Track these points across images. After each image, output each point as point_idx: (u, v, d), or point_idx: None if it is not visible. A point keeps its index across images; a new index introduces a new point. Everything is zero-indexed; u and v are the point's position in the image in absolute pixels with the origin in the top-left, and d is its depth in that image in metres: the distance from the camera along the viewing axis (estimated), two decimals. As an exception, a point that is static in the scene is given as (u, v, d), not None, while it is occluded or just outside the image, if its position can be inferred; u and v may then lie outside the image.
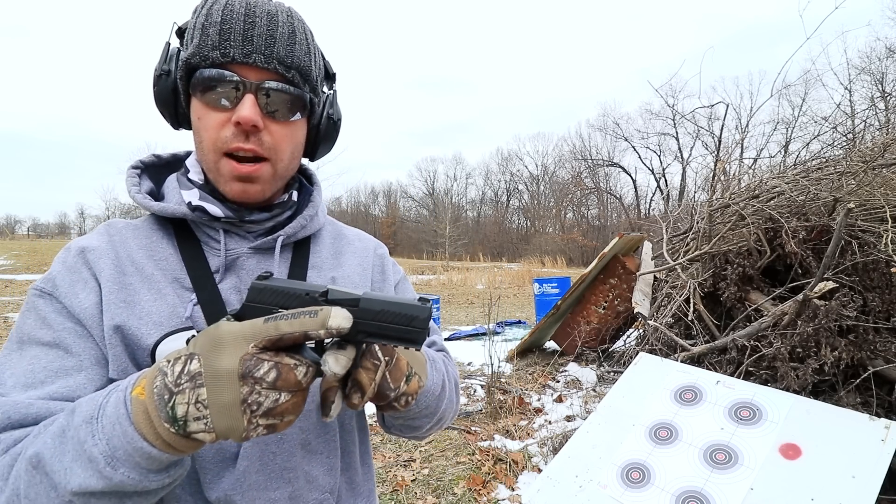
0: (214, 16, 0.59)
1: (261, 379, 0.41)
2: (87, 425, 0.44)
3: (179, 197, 0.65)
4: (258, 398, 0.41)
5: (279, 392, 0.41)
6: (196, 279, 0.63)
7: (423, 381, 0.58)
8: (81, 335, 0.57)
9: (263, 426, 0.42)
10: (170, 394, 0.41)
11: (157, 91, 0.64)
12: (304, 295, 0.46)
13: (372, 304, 0.44)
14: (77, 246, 0.62)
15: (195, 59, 0.59)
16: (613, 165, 38.64)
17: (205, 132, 0.60)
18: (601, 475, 1.36)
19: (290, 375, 0.42)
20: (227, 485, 0.59)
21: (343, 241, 0.80)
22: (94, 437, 0.43)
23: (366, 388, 0.47)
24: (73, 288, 0.58)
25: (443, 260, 28.91)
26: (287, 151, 0.65)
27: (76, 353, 0.56)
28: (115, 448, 0.42)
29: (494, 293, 9.55)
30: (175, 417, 0.41)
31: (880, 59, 17.63)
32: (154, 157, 0.73)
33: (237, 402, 0.41)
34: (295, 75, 0.62)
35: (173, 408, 0.41)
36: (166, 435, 0.42)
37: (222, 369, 0.41)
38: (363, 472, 0.75)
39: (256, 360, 0.41)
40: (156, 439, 0.42)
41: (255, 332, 0.42)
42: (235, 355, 0.41)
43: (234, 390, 0.40)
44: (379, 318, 0.44)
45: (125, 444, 0.42)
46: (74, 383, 0.54)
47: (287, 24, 0.61)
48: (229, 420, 0.41)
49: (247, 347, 0.41)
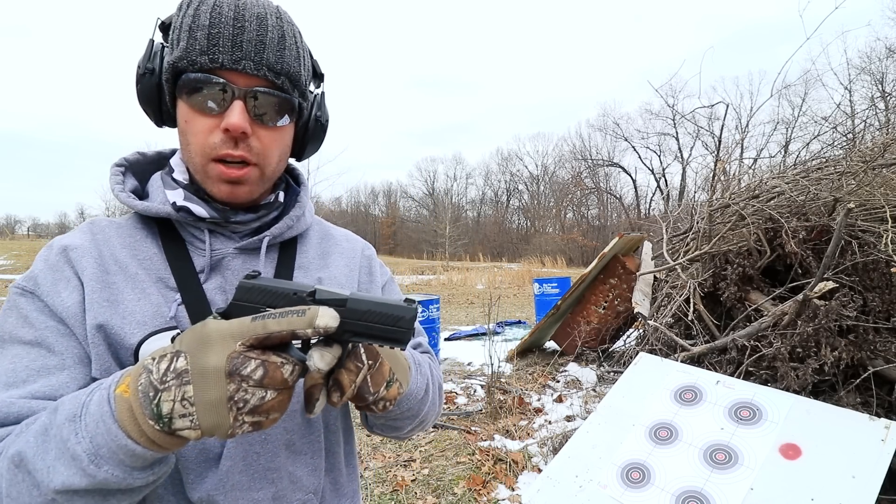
0: (202, 18, 0.57)
1: (248, 377, 0.41)
2: (70, 423, 0.43)
3: (164, 196, 0.65)
4: (245, 395, 0.41)
5: (265, 390, 0.42)
6: (181, 279, 0.62)
7: (402, 388, 0.58)
8: (64, 334, 0.56)
9: (249, 423, 0.42)
10: (155, 391, 0.41)
11: (141, 89, 0.63)
12: (292, 294, 0.46)
13: (359, 305, 0.45)
14: (59, 244, 0.61)
15: (182, 62, 0.58)
16: (613, 165, 38.64)
17: (192, 136, 0.60)
18: (601, 475, 1.36)
19: (276, 373, 0.42)
20: (210, 485, 0.59)
21: (330, 241, 0.80)
22: (77, 435, 0.43)
23: (345, 388, 0.48)
24: (55, 286, 0.57)
25: (443, 260, 28.91)
26: (275, 155, 0.64)
27: (58, 352, 0.55)
28: (98, 446, 0.42)
29: (494, 293, 9.55)
30: (160, 415, 0.41)
31: (880, 59, 17.64)
32: (139, 155, 0.72)
33: (223, 399, 0.41)
34: (284, 81, 0.61)
35: (158, 405, 0.41)
36: (151, 432, 0.42)
37: (209, 366, 0.41)
38: (347, 472, 0.75)
39: (244, 357, 0.41)
40: (140, 437, 0.42)
41: (243, 331, 0.42)
42: (223, 353, 0.41)
43: (220, 388, 0.41)
44: (365, 317, 0.44)
45: (109, 442, 0.42)
46: (57, 382, 0.54)
47: (277, 27, 0.60)
48: (215, 417, 0.41)
49: (234, 345, 0.41)
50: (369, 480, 2.72)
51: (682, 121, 28.25)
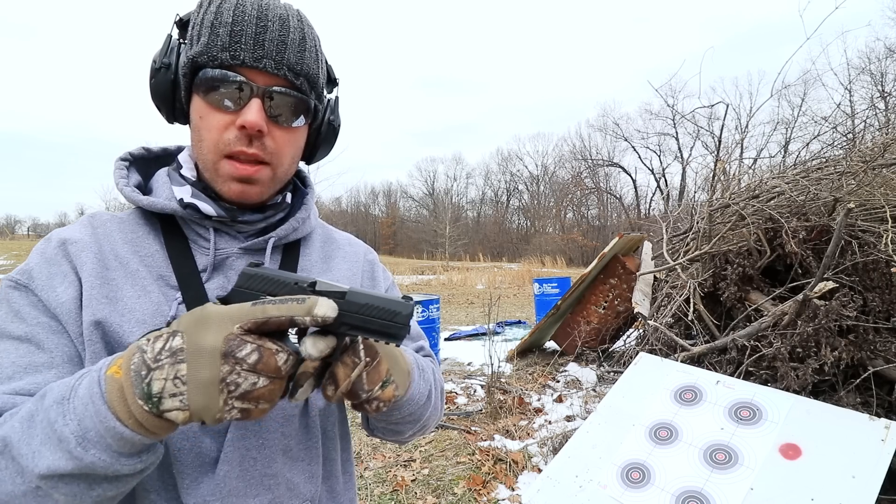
0: (225, 15, 0.57)
1: (242, 360, 0.41)
2: (58, 406, 0.43)
3: (170, 192, 0.64)
4: (237, 378, 0.41)
5: (258, 376, 0.42)
6: (182, 277, 0.61)
7: (399, 392, 0.57)
8: (55, 331, 0.55)
9: (238, 409, 0.42)
10: (147, 369, 0.41)
11: (155, 83, 0.62)
12: (293, 284, 0.47)
13: (357, 298, 0.45)
14: (58, 237, 0.59)
15: (202, 58, 0.57)
16: (613, 165, 38.65)
17: (206, 132, 0.60)
18: (601, 475, 1.36)
19: (271, 360, 0.42)
20: (205, 490, 0.58)
21: (333, 245, 0.80)
22: (65, 416, 0.42)
23: (340, 382, 0.48)
24: (50, 281, 0.56)
25: (443, 260, 28.91)
26: (288, 156, 0.64)
27: (48, 350, 0.54)
28: (86, 429, 0.42)
29: (494, 293, 9.55)
30: (150, 394, 0.41)
31: (880, 59, 17.63)
32: (143, 150, 0.71)
33: (216, 379, 0.41)
34: (303, 82, 0.61)
35: (149, 384, 0.41)
36: (139, 413, 0.41)
37: (206, 345, 0.41)
38: (344, 480, 0.74)
39: (240, 340, 0.41)
40: (128, 418, 0.41)
41: (242, 314, 0.42)
42: (220, 334, 0.41)
43: (214, 367, 0.41)
44: (363, 311, 0.45)
45: (97, 424, 0.41)
46: (43, 380, 0.52)
47: (298, 29, 0.61)
48: (205, 398, 0.41)
49: (232, 328, 0.42)
50: (369, 480, 2.72)
51: (682, 121, 28.27)
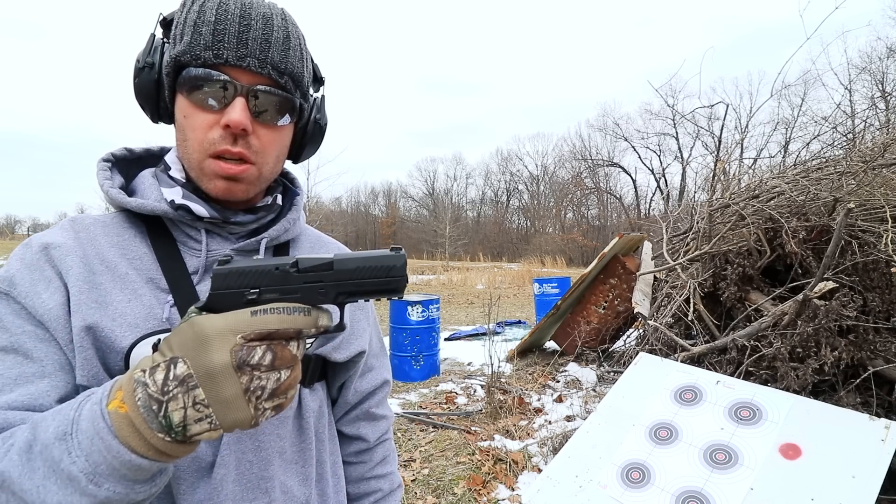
0: (208, 14, 0.57)
1: (258, 365, 0.41)
2: (60, 442, 0.41)
3: (158, 194, 0.63)
4: (260, 383, 0.41)
5: (279, 371, 0.42)
6: (172, 280, 0.60)
7: None
8: (43, 339, 0.52)
9: (271, 408, 0.42)
10: (159, 403, 0.40)
11: (139, 83, 0.61)
12: (275, 270, 0.44)
13: (346, 264, 0.44)
14: (39, 242, 0.57)
15: (185, 57, 0.57)
16: (613, 165, 38.63)
17: (191, 132, 0.59)
18: (601, 475, 1.36)
19: (285, 353, 0.42)
20: (202, 495, 0.57)
21: (323, 247, 0.80)
22: (70, 454, 0.40)
23: None
24: (34, 287, 0.53)
25: (443, 260, 28.91)
26: (273, 155, 0.63)
27: (37, 359, 0.51)
28: (96, 464, 0.40)
29: (494, 293, 9.54)
30: (171, 425, 0.40)
31: (880, 58, 17.60)
32: (126, 151, 0.69)
33: (240, 393, 0.40)
34: (287, 81, 0.61)
35: (167, 416, 0.39)
36: (160, 444, 0.40)
37: (215, 366, 0.39)
38: (333, 483, 0.74)
39: (248, 348, 0.41)
40: (147, 450, 0.41)
41: (242, 325, 0.41)
42: (224, 349, 0.40)
43: (234, 383, 0.40)
44: (356, 275, 0.44)
45: (109, 459, 0.40)
46: (36, 391, 0.50)
47: (282, 28, 0.60)
48: (236, 413, 0.40)
49: (234, 339, 0.40)
50: (369, 480, 2.72)
51: (682, 121, 28.27)
